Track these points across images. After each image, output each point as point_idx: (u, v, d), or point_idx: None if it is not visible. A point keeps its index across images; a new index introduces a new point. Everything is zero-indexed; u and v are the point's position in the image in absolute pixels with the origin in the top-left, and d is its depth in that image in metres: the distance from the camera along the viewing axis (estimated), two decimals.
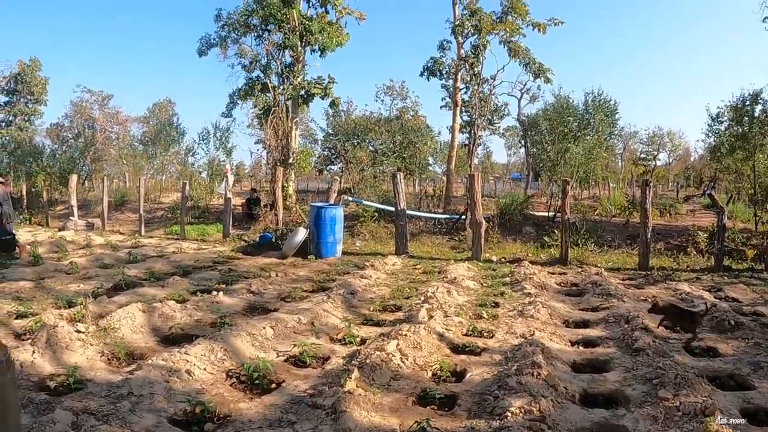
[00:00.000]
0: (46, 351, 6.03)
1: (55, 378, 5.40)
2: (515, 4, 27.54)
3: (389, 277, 12.02)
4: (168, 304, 8.31)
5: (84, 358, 6.06)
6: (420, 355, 6.12)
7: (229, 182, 22.52)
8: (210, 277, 11.85)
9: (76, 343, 6.35)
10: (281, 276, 11.96)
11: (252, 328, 6.98)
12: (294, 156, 26.67)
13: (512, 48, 27.83)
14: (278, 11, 26.22)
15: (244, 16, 27.68)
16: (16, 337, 7.04)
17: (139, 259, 14.46)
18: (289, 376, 5.73)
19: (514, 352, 6.18)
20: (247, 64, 28.81)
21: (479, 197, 15.40)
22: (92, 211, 31.37)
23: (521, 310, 8.35)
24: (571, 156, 24.65)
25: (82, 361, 5.94)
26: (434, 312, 7.84)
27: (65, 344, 6.24)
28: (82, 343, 6.38)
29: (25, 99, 58.28)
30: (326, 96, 27.98)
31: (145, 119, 51.28)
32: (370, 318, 8.28)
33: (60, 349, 6.12)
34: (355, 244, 17.79)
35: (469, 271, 12.43)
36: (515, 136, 52.99)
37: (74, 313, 7.78)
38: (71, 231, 23.42)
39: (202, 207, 28.25)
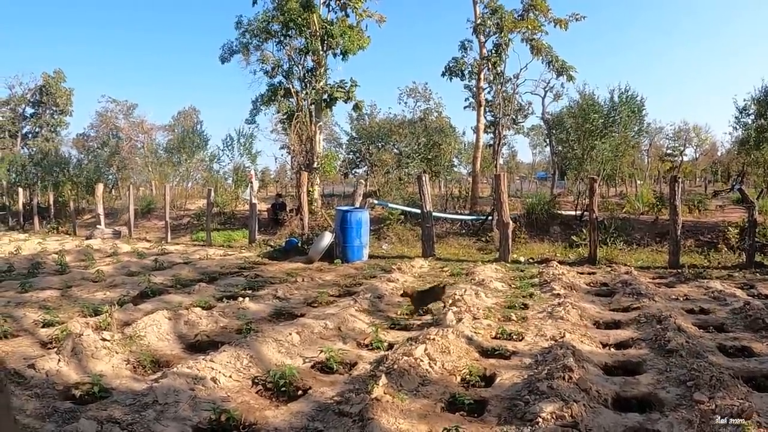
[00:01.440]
0: (71, 359, 6.05)
1: (81, 386, 5.41)
2: (536, 1, 27.36)
3: (417, 280, 11.94)
4: (194, 311, 8.32)
5: (109, 367, 6.08)
6: (448, 359, 6.04)
7: (254, 188, 22.61)
8: (236, 283, 11.88)
9: (102, 351, 6.37)
10: (307, 281, 11.95)
11: (278, 334, 6.94)
12: (318, 160, 26.72)
13: (534, 46, 27.62)
14: (299, 16, 26.35)
15: (265, 23, 27.90)
16: (42, 346, 7.09)
17: (165, 266, 14.57)
18: (316, 383, 5.68)
19: (544, 355, 6.11)
20: (269, 70, 29.06)
21: (506, 197, 15.31)
22: (119, 219, 31.69)
23: (551, 312, 8.25)
24: (598, 153, 24.42)
25: (107, 370, 5.96)
26: (462, 315, 7.77)
27: (91, 352, 6.26)
28: (107, 351, 6.40)
29: (50, 110, 59.21)
30: (349, 99, 28.04)
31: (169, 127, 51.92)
32: (398, 322, 8.23)
33: (85, 358, 6.15)
34: (382, 248, 17.78)
35: (496, 273, 12.35)
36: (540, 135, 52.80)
37: (100, 321, 7.84)
38: (98, 239, 23.68)
39: (228, 213, 28.44)
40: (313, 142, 26.38)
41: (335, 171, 31.92)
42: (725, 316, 8.04)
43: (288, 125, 27.55)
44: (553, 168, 37.37)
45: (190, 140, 38.75)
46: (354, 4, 27.97)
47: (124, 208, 31.72)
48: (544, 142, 48.81)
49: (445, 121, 39.05)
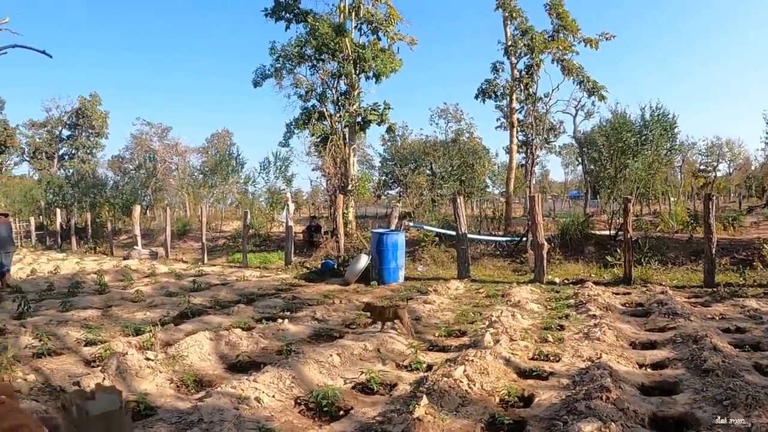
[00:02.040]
0: (116, 378, 6.25)
1: None
2: (566, 21, 27.45)
3: (453, 302, 12.07)
4: (234, 332, 8.48)
5: (153, 386, 6.25)
6: (487, 380, 6.13)
7: (290, 210, 22.89)
8: (274, 304, 12.03)
9: (146, 370, 6.56)
10: (345, 303, 12.09)
11: (319, 355, 7.07)
12: (353, 182, 26.98)
13: (565, 66, 27.68)
14: (331, 41, 26.67)
15: (298, 47, 28.22)
16: (86, 364, 7.29)
17: (203, 288, 14.79)
18: (357, 403, 5.80)
19: (581, 376, 6.17)
20: (303, 94, 29.35)
21: (540, 219, 15.38)
22: (155, 240, 32.22)
23: (587, 333, 8.30)
24: (631, 172, 24.37)
25: (151, 388, 6.13)
26: (500, 336, 7.86)
27: (135, 371, 6.45)
28: (151, 371, 6.59)
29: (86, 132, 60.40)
30: (382, 122, 28.27)
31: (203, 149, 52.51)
32: (436, 344, 8.32)
33: (130, 376, 6.33)
34: (417, 269, 17.89)
35: (532, 294, 12.41)
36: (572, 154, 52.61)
37: (143, 340, 8.04)
38: (135, 260, 24.10)
39: (263, 235, 28.76)
40: (347, 165, 26.65)
41: (369, 193, 32.17)
42: (761, 335, 8.04)
43: (322, 148, 27.88)
44: (586, 187, 37.23)
45: (227, 163, 39.30)
46: (385, 27, 28.33)
47: (160, 229, 32.26)
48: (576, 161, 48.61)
49: (477, 141, 39.15)
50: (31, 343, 8.12)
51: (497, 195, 39.56)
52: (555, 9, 27.66)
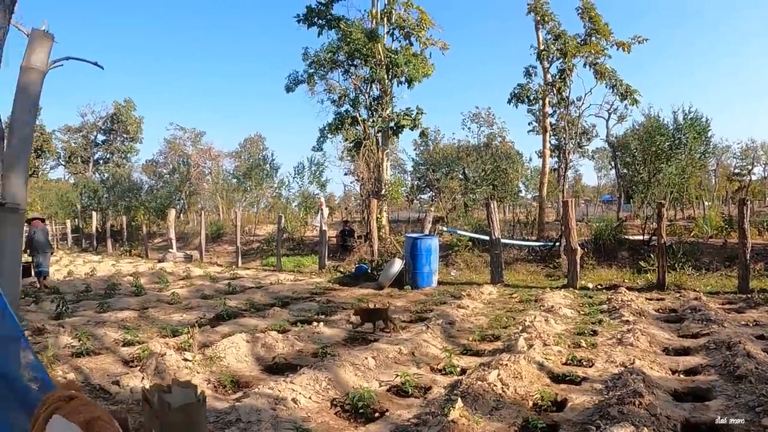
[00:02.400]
0: (155, 378, 6.46)
1: None
2: (598, 25, 27.28)
3: (486, 307, 12.16)
4: (270, 335, 8.67)
5: (199, 381, 6.46)
6: (520, 384, 6.21)
7: (324, 215, 23.08)
8: (309, 308, 12.22)
9: (184, 370, 6.78)
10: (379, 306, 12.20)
11: (354, 358, 7.22)
12: (386, 187, 27.13)
13: (598, 70, 27.47)
14: (363, 46, 26.84)
15: (330, 53, 28.44)
16: (124, 364, 7.52)
17: (238, 291, 15.05)
18: (392, 406, 5.92)
19: (614, 381, 6.21)
20: (336, 99, 29.59)
21: (574, 224, 15.39)
22: (189, 244, 32.63)
23: (620, 338, 8.33)
24: (664, 176, 24.21)
25: None
26: (533, 341, 7.93)
27: (173, 371, 6.66)
28: (189, 371, 6.81)
29: (121, 137, 61.27)
30: (415, 127, 28.45)
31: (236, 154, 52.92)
32: (470, 348, 8.41)
33: (168, 377, 6.50)
34: (450, 274, 17.98)
35: (565, 299, 12.43)
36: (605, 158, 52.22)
37: (181, 342, 8.26)
38: (170, 262, 24.50)
39: (297, 239, 29.00)
40: (380, 169, 26.81)
41: (402, 197, 32.29)
42: None
43: (356, 153, 28.05)
44: (619, 191, 36.95)
45: (260, 168, 39.64)
46: (417, 33, 28.46)
47: (194, 233, 32.74)
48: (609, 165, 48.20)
49: (509, 146, 39.07)
50: (70, 342, 8.39)
51: (529, 199, 39.42)
52: (587, 13, 27.46)
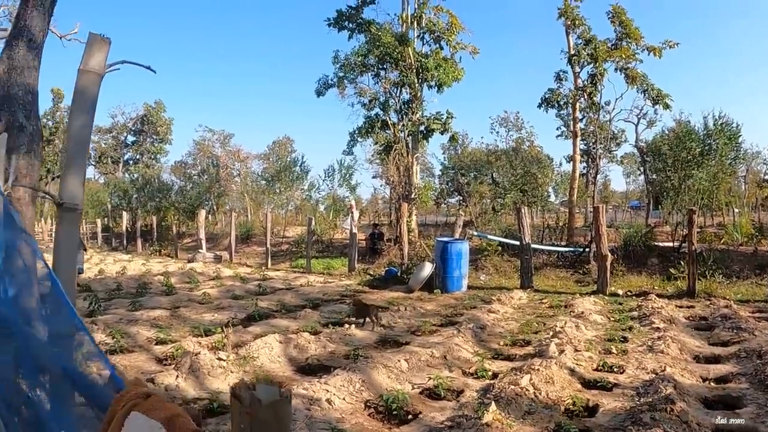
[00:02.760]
0: (189, 376, 6.61)
1: (199, 402, 5.92)
2: (629, 29, 27.19)
3: (516, 312, 12.22)
4: (303, 336, 8.81)
5: (225, 385, 6.54)
6: (552, 389, 6.28)
7: (354, 217, 23.22)
8: (339, 310, 12.33)
9: (218, 369, 6.90)
10: (410, 310, 12.35)
11: (387, 360, 7.32)
12: (416, 191, 27.22)
13: (629, 75, 27.40)
14: (394, 50, 26.96)
15: (360, 57, 28.60)
16: (158, 362, 7.71)
17: (268, 292, 15.20)
18: (425, 408, 6.01)
19: (645, 388, 6.26)
20: (366, 103, 29.72)
21: (604, 230, 15.37)
22: (218, 244, 32.91)
23: (651, 345, 8.36)
24: (695, 182, 24.05)
25: (223, 387, 6.42)
26: (564, 347, 8.00)
27: (207, 370, 6.80)
28: (223, 370, 6.93)
29: (151, 138, 62.01)
30: (445, 131, 28.50)
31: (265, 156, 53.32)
32: (501, 352, 8.49)
33: (202, 375, 6.69)
34: (480, 278, 18.04)
35: (595, 305, 12.44)
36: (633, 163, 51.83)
37: (214, 341, 8.42)
38: (200, 263, 24.80)
39: (326, 241, 29.13)
40: (410, 173, 26.91)
41: (431, 202, 32.36)
42: None
43: (385, 156, 28.18)
44: (648, 197, 36.72)
45: (290, 170, 39.93)
46: (447, 37, 28.51)
47: (223, 234, 33.02)
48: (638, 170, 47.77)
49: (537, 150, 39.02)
50: (103, 340, 8.57)
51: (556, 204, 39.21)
52: (618, 17, 27.43)
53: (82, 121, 3.40)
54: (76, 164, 3.41)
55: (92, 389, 2.21)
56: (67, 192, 3.24)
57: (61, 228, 3.23)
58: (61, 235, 3.29)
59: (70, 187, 3.30)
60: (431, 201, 32.17)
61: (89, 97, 3.31)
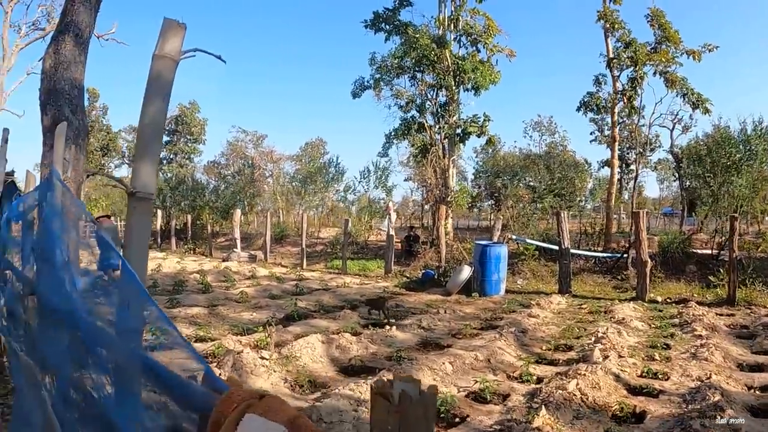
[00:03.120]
0: (232, 374, 6.57)
1: None
2: (669, 32, 26.87)
3: (556, 317, 12.23)
4: (344, 336, 8.90)
5: (269, 384, 6.63)
6: (599, 395, 6.29)
7: (391, 219, 23.29)
8: None
9: (260, 368, 6.97)
10: (449, 313, 12.40)
11: (432, 363, 7.37)
12: (452, 194, 27.22)
13: (668, 78, 27.10)
14: (431, 52, 26.98)
15: (397, 59, 28.63)
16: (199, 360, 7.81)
17: (305, 292, 15.30)
18: (473, 411, 6.05)
19: (692, 395, 6.27)
20: (403, 105, 29.72)
21: (645, 235, 15.26)
22: (252, 244, 33.16)
23: (694, 353, 8.33)
24: (734, 189, 23.73)
25: (266, 386, 6.48)
26: (608, 352, 8.00)
27: (250, 369, 6.88)
28: (266, 369, 7.00)
29: (184, 138, 62.54)
30: (482, 134, 28.37)
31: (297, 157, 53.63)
32: (544, 357, 8.53)
33: (245, 374, 6.77)
34: (517, 282, 17.99)
35: (635, 312, 12.40)
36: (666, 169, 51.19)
37: (256, 339, 8.54)
38: (234, 262, 25.04)
39: (360, 243, 29.24)
40: (447, 176, 26.93)
41: (467, 204, 32.32)
42: None
43: (423, 158, 28.21)
44: (682, 204, 36.36)
45: (325, 171, 40.16)
46: (485, 39, 28.37)
47: (257, 233, 33.27)
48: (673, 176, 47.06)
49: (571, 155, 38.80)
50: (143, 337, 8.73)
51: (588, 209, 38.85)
52: (657, 20, 27.12)
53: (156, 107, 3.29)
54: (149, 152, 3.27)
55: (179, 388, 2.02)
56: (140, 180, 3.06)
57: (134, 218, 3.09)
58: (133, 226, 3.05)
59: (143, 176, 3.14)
60: (466, 204, 32.09)
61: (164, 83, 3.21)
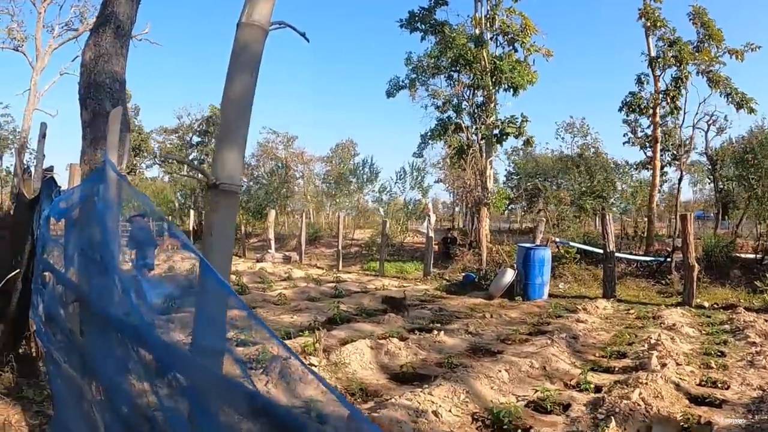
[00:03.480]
0: (279, 382, 6.49)
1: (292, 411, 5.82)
2: (712, 30, 26.42)
3: (604, 322, 12.04)
4: (392, 342, 8.71)
5: (319, 392, 6.27)
6: (662, 404, 6.09)
7: (431, 221, 23.15)
8: (422, 315, 12.24)
9: (309, 376, 6.62)
10: (495, 317, 12.25)
11: (488, 370, 7.19)
12: (490, 196, 27.04)
13: (711, 78, 26.65)
14: (467, 52, 26.84)
15: (433, 59, 28.54)
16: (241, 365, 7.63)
17: (344, 294, 15.19)
18: (535, 422, 5.86)
19: (757, 405, 6.12)
20: (440, 105, 29.63)
21: (692, 239, 15.00)
22: (285, 245, 33.18)
23: (750, 361, 8.16)
24: None
25: (317, 395, 6.17)
26: (665, 360, 7.83)
27: (299, 376, 6.56)
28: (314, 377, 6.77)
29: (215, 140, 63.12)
30: (520, 135, 28.07)
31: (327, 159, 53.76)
32: (598, 364, 8.31)
33: (293, 381, 6.52)
34: (558, 286, 17.81)
35: (683, 317, 12.19)
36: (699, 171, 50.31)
37: (302, 344, 8.31)
38: (269, 263, 25.00)
39: (396, 244, 29.16)
40: (484, 178, 26.79)
41: (504, 207, 32.10)
42: None
43: (458, 160, 28.06)
44: (717, 207, 35.78)
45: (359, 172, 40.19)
46: (522, 39, 28.13)
47: (290, 234, 33.30)
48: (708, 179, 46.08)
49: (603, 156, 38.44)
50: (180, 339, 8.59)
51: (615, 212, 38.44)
52: (699, 17, 26.68)
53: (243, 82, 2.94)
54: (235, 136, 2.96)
55: None
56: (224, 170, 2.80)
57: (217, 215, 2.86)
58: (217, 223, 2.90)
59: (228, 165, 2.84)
60: (504, 206, 31.88)
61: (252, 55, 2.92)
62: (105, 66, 6.64)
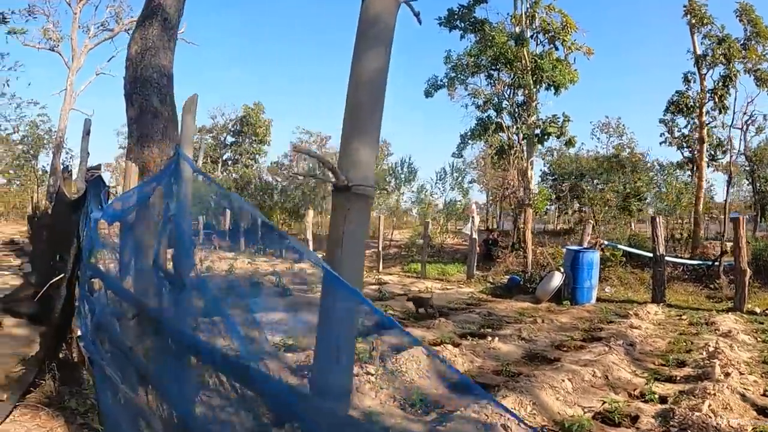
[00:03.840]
0: None
1: None
2: (759, 27, 25.91)
3: (657, 328, 11.84)
4: (447, 348, 8.57)
5: (377, 403, 6.23)
6: (731, 417, 5.93)
7: (474, 222, 22.99)
8: (471, 319, 12.05)
9: (366, 385, 6.54)
10: (546, 322, 12.10)
11: (550, 380, 6.99)
12: (533, 197, 26.88)
13: (759, 77, 26.18)
14: (508, 50, 26.71)
15: (473, 57, 28.41)
16: (292, 372, 7.52)
17: (387, 297, 15.09)
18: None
19: None
20: (480, 104, 29.51)
21: (744, 242, 14.70)
22: (323, 246, 33.18)
23: None
24: None
25: (375, 405, 6.09)
26: (729, 369, 7.65)
27: (356, 386, 6.35)
28: (371, 386, 6.56)
29: (249, 139, 63.19)
30: (562, 134, 27.90)
31: None
32: (659, 373, 8.12)
33: (353, 393, 6.19)
34: (605, 290, 17.58)
35: (737, 324, 11.94)
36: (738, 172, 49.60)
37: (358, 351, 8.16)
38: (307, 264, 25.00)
39: (436, 246, 29.04)
40: (526, 178, 26.62)
41: (545, 207, 31.83)
42: None
43: (498, 160, 27.91)
44: (756, 208, 35.18)
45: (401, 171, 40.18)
46: (563, 37, 27.89)
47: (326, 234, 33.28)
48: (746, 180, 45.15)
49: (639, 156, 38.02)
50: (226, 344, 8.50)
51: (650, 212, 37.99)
52: (747, 15, 26.20)
53: (374, 61, 2.51)
54: (368, 127, 2.54)
55: None
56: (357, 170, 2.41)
57: (348, 220, 2.52)
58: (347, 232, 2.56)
59: (360, 164, 2.45)
60: (545, 207, 31.61)
61: (383, 29, 2.52)
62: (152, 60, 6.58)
